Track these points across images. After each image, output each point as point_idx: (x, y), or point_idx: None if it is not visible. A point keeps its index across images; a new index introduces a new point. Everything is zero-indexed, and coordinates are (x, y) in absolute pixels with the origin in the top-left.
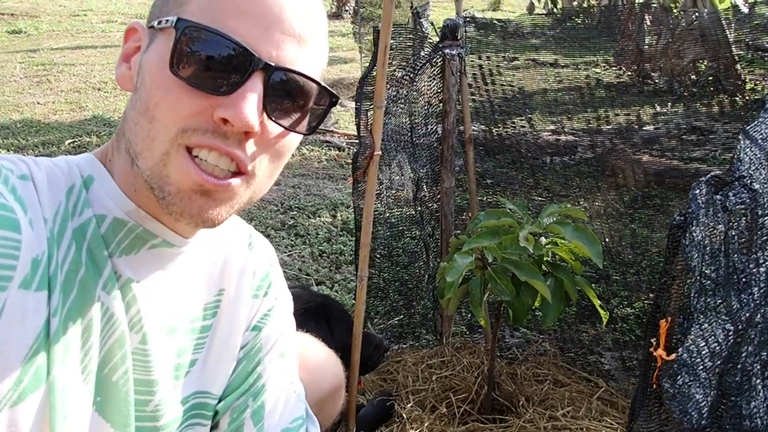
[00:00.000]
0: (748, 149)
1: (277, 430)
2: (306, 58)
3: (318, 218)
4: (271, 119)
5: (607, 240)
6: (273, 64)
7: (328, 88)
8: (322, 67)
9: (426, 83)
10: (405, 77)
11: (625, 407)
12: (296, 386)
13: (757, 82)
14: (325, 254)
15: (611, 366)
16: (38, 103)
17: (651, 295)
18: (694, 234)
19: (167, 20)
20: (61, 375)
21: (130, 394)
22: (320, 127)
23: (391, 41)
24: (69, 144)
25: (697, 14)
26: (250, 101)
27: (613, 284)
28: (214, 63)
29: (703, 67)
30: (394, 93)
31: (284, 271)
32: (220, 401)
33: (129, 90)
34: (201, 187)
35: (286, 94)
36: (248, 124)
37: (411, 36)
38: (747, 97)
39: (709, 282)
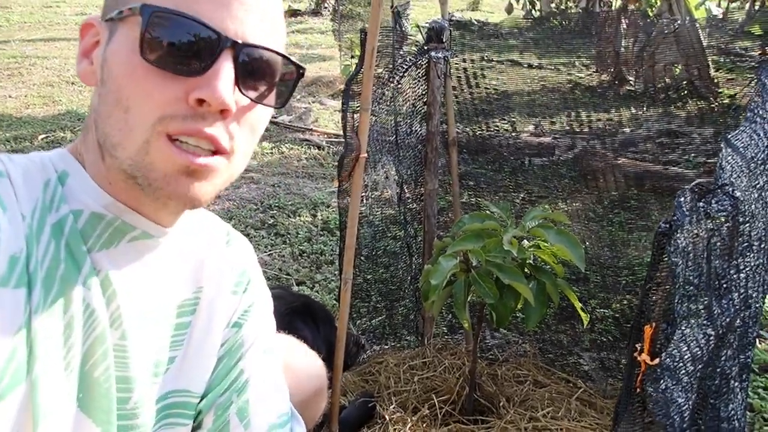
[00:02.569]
0: (729, 157)
1: (265, 426)
2: (269, 33)
3: (298, 217)
4: (245, 95)
5: (586, 243)
6: (240, 42)
7: (294, 60)
8: (284, 41)
9: (410, 85)
10: (390, 79)
11: (603, 407)
12: (281, 383)
13: (730, 87)
14: (305, 254)
15: (590, 367)
16: (10, 96)
17: (628, 296)
18: (679, 241)
19: (130, 8)
20: (44, 372)
21: (112, 391)
22: (299, 126)
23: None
24: (42, 139)
25: (672, 19)
26: (223, 79)
27: (591, 285)
28: (183, 46)
29: (678, 71)
30: (380, 94)
31: (264, 271)
32: (202, 399)
33: (92, 85)
34: (187, 169)
35: (256, 69)
36: (224, 101)
37: (391, 35)
38: (721, 102)
39: (691, 288)
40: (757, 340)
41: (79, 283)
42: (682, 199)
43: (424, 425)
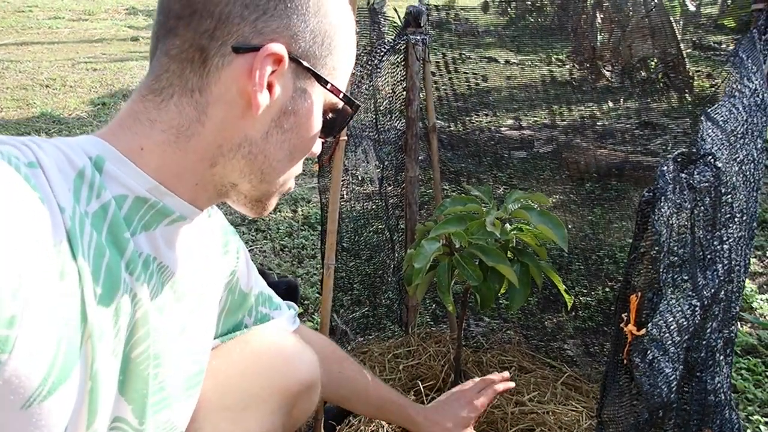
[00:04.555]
0: (710, 130)
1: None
2: None
3: (279, 213)
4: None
5: (568, 228)
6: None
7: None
8: None
9: (389, 71)
10: (368, 63)
11: (589, 391)
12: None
13: (704, 80)
14: (286, 249)
15: (574, 352)
16: None
17: (611, 283)
18: (663, 210)
19: (334, 86)
20: (102, 365)
21: (148, 371)
22: None
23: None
24: None
25: (645, 10)
26: None
27: (574, 273)
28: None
29: (653, 64)
30: (358, 79)
31: None
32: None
33: (255, 114)
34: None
35: None
36: None
37: (371, 21)
38: (695, 94)
39: (676, 258)
40: (739, 323)
41: (123, 269)
42: (665, 168)
43: None
